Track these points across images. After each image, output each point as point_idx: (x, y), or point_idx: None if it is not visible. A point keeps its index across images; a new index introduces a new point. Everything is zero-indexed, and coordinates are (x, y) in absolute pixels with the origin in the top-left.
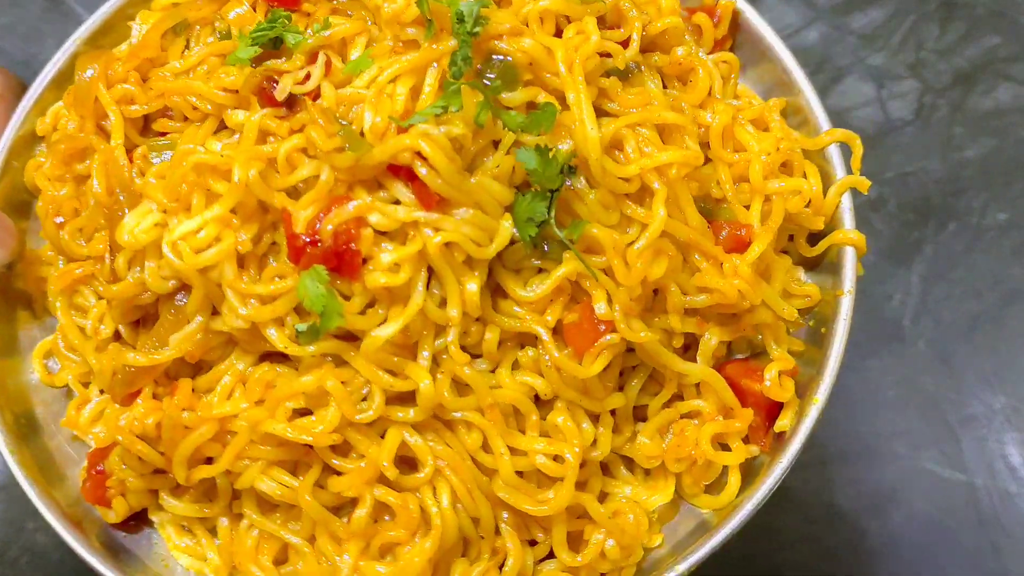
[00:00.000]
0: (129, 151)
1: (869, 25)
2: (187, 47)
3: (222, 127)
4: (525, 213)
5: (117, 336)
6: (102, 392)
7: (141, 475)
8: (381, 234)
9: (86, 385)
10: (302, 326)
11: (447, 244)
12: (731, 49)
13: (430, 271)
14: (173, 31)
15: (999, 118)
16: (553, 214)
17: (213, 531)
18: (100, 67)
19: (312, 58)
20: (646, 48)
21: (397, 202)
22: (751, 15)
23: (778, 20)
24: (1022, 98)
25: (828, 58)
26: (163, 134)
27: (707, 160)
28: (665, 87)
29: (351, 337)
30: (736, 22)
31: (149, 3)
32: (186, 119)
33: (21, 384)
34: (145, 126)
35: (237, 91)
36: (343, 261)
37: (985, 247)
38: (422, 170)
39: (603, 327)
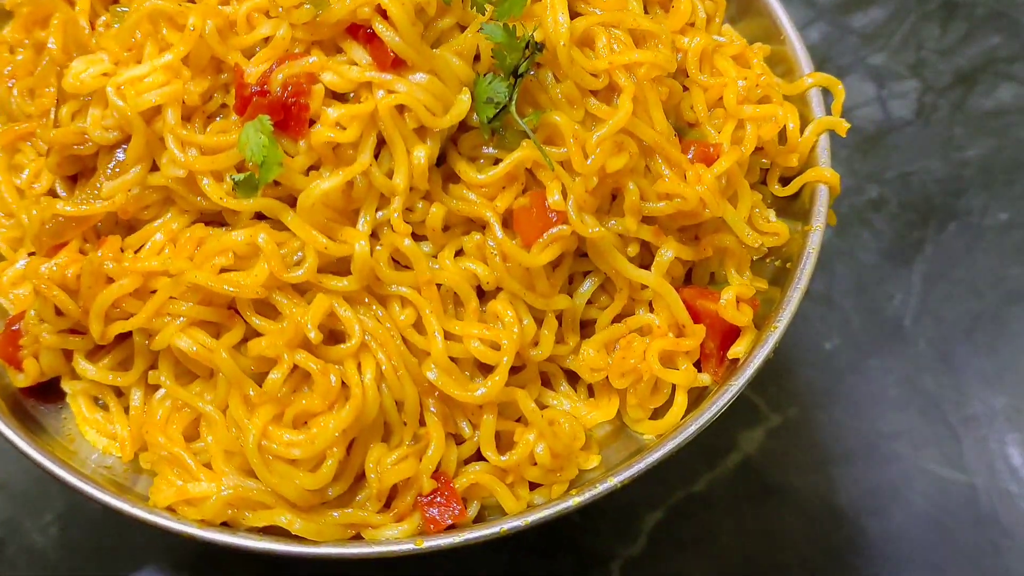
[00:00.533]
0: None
1: (870, 25)
2: None
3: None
4: (485, 93)
5: (53, 194)
6: (31, 255)
7: (57, 332)
8: (335, 98)
9: (13, 247)
10: (239, 176)
11: (400, 109)
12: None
13: (380, 141)
14: None
15: (1000, 118)
16: (515, 99)
17: (127, 409)
18: None
19: None
20: None
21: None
22: None
23: None
24: (1022, 98)
25: (829, 57)
26: None
27: (684, 89)
28: (646, 9)
29: (291, 202)
30: None
31: None
32: None
33: None
34: None
35: None
36: (290, 115)
37: (986, 247)
38: (380, 27)
39: (554, 217)
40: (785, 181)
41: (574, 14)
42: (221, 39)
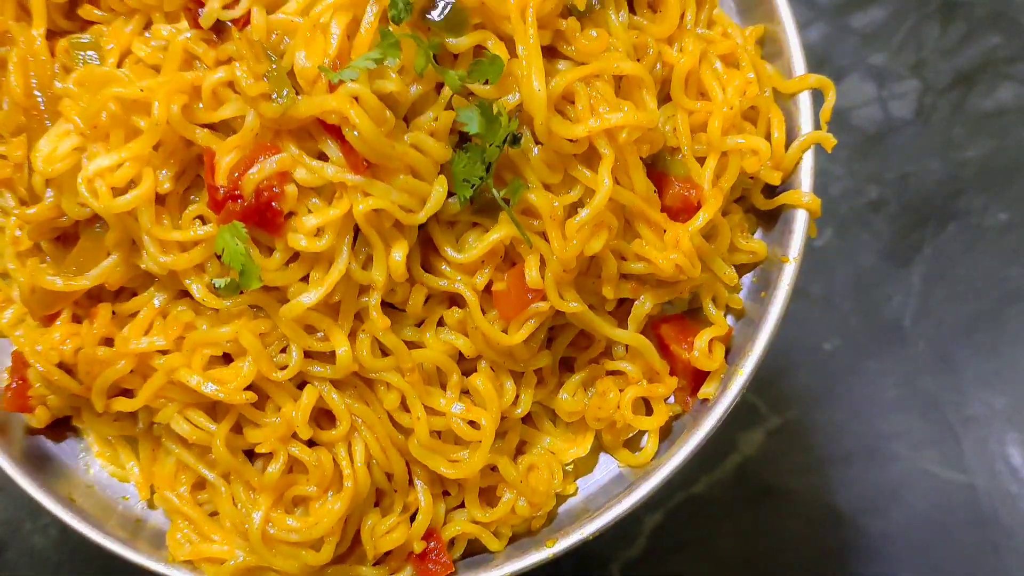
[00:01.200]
0: (52, 34)
1: (870, 25)
2: None
3: (151, 22)
4: (462, 174)
5: (38, 248)
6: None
7: (61, 397)
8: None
9: (4, 277)
10: (220, 282)
11: (375, 210)
12: None
13: (356, 229)
14: None
15: (999, 118)
16: (491, 174)
17: (133, 444)
18: None
19: None
20: None
21: (325, 156)
22: None
23: None
24: (1022, 98)
25: (829, 58)
26: (89, 23)
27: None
28: (633, 11)
29: (272, 287)
30: None
31: None
32: (113, 10)
33: None
34: (71, 8)
35: None
36: (265, 219)
37: (985, 247)
38: (348, 133)
39: (531, 295)
40: (770, 191)
41: (555, 55)
42: (186, 115)
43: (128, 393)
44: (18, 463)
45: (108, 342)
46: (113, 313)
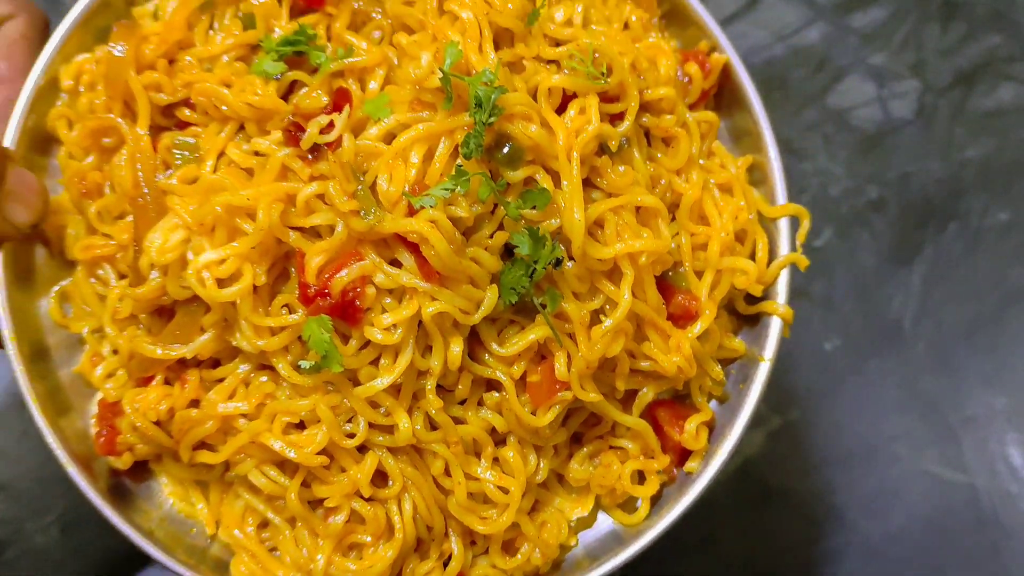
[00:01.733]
0: (152, 128)
1: (870, 25)
2: (211, 27)
3: (241, 128)
4: (509, 283)
5: (134, 317)
6: (115, 352)
7: (149, 446)
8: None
9: (98, 335)
10: (306, 363)
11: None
12: (715, 96)
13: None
14: (200, 8)
15: (1000, 118)
16: (533, 284)
17: (204, 487)
18: (131, 48)
19: (335, 92)
20: (641, 108)
21: (398, 263)
22: (739, 67)
23: (778, 20)
24: (1022, 98)
25: (829, 58)
26: (185, 124)
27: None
28: (649, 143)
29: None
30: (725, 73)
31: None
32: (207, 113)
33: (35, 315)
34: (167, 107)
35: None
36: (347, 314)
37: (986, 248)
38: (430, 251)
39: (559, 386)
40: (750, 298)
41: (589, 185)
42: (282, 220)
43: (209, 446)
44: (105, 498)
45: (194, 403)
46: (200, 378)
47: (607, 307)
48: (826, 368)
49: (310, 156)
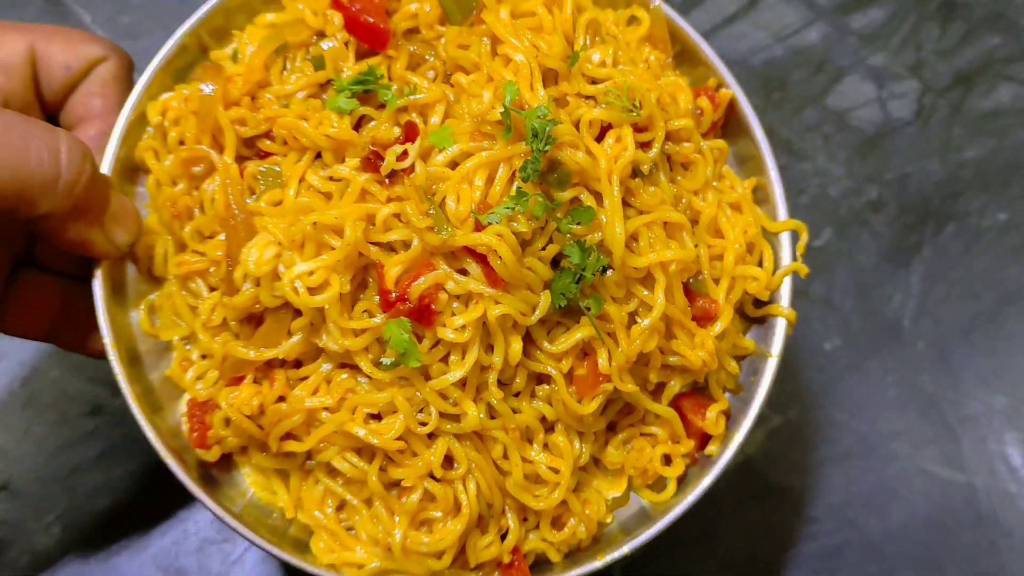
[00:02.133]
0: (236, 158)
1: (869, 25)
2: (285, 67)
3: (317, 156)
4: (559, 288)
5: (225, 325)
6: (203, 357)
7: (239, 438)
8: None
9: (188, 344)
10: (387, 360)
11: (503, 314)
12: (723, 126)
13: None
14: (275, 51)
15: (998, 119)
16: (579, 289)
17: (285, 476)
18: (218, 87)
19: (405, 126)
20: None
21: (465, 271)
22: (743, 101)
23: (778, 20)
24: (1021, 99)
25: (828, 58)
26: (265, 153)
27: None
28: (671, 168)
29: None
30: (731, 105)
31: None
32: (285, 143)
33: (128, 325)
34: (249, 139)
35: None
36: (423, 316)
37: (984, 247)
38: (497, 260)
39: (601, 378)
40: (758, 302)
41: (625, 204)
42: (364, 238)
43: (294, 436)
44: (198, 486)
45: (280, 399)
46: (286, 377)
47: (641, 309)
48: (826, 367)
49: (387, 180)
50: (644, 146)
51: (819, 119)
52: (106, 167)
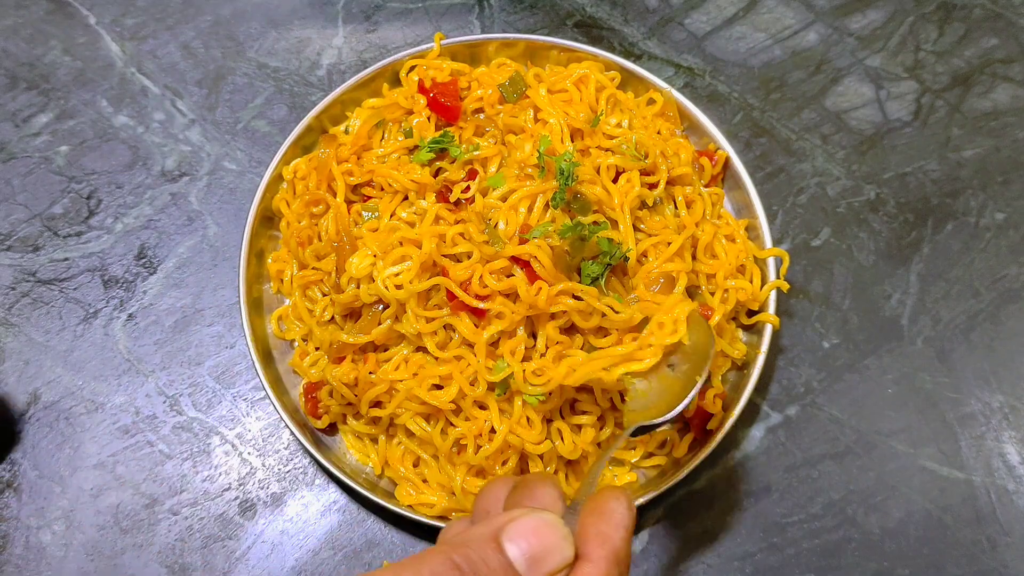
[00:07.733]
0: (346, 201)
1: (868, 27)
2: (383, 136)
3: (405, 198)
4: (586, 272)
5: (331, 318)
6: (316, 349)
7: (340, 405)
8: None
9: (305, 341)
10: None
11: None
12: (721, 181)
13: None
14: (376, 125)
15: (997, 119)
16: (604, 281)
17: (375, 442)
18: (332, 150)
19: (468, 170)
20: (669, 182)
21: (511, 273)
22: (736, 161)
23: (777, 22)
24: (1020, 99)
25: (827, 59)
26: (367, 197)
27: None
28: (675, 207)
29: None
30: (726, 164)
31: (361, 92)
32: (382, 189)
33: (263, 328)
34: (355, 187)
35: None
36: (479, 311)
37: (983, 247)
38: (539, 265)
39: None
40: (749, 313)
41: (636, 229)
42: (436, 249)
43: (379, 404)
44: (314, 447)
45: (371, 374)
46: (376, 362)
47: None
48: (824, 365)
49: (455, 207)
50: (651, 186)
51: (818, 119)
52: (250, 216)
